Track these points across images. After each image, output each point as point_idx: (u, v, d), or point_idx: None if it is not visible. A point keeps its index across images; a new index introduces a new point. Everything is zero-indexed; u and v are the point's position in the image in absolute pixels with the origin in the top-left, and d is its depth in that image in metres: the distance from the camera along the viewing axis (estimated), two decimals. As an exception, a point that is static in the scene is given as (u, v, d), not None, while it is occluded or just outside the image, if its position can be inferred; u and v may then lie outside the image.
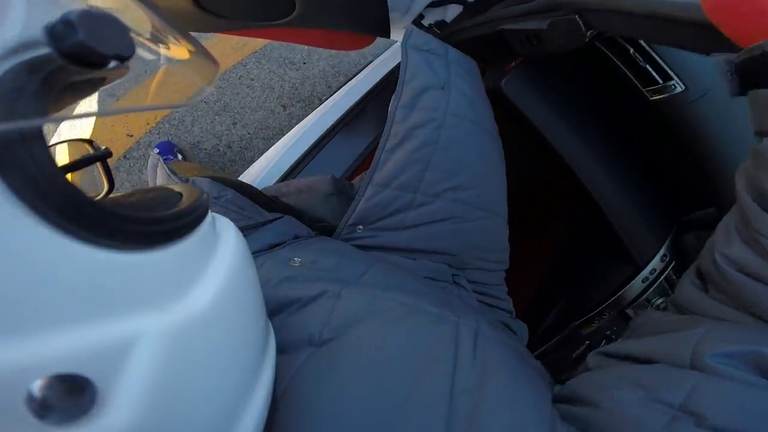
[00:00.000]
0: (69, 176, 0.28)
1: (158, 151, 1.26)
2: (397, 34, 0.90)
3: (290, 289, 0.35)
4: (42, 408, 0.15)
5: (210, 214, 0.24)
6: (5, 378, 0.15)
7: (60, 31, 0.17)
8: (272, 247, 0.45)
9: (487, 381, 0.29)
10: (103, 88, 0.20)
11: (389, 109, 0.54)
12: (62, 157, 0.26)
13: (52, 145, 0.25)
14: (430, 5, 0.78)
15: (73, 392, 0.16)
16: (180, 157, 1.31)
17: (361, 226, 0.52)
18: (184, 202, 0.22)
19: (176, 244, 0.21)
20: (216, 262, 0.23)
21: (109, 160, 0.28)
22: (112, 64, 0.18)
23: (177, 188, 0.24)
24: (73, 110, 0.18)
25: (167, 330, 0.19)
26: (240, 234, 0.26)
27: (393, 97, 0.54)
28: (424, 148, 0.51)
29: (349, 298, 0.34)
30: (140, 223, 0.19)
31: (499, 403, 0.28)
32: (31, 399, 0.15)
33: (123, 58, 0.18)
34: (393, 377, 0.28)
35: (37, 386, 0.15)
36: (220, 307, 0.22)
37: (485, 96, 0.61)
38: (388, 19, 0.77)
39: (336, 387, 0.27)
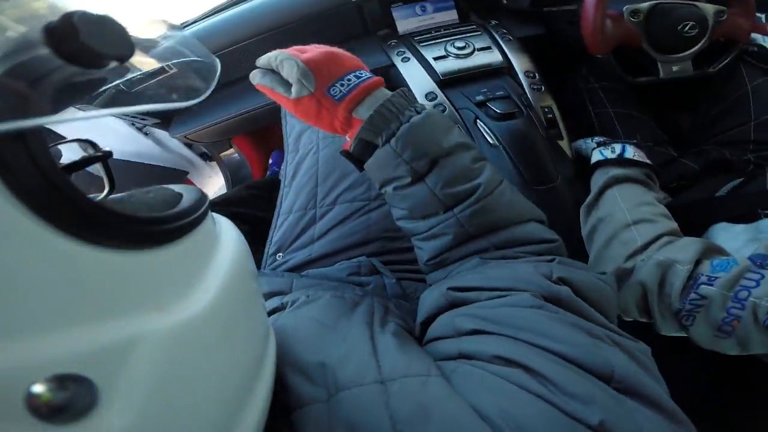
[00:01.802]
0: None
1: (272, 160, 1.24)
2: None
3: None
4: (42, 408, 0.15)
5: (210, 214, 0.24)
6: (5, 378, 0.15)
7: (60, 32, 0.17)
8: None
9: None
10: (103, 88, 0.20)
11: (284, 158, 0.71)
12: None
13: (53, 145, 0.24)
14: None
15: (73, 393, 0.16)
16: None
17: (280, 254, 0.62)
18: (185, 203, 0.22)
19: (177, 244, 0.21)
20: (216, 262, 0.23)
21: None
22: (112, 64, 0.18)
23: (177, 188, 0.24)
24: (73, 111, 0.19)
25: (168, 330, 0.19)
26: (240, 233, 0.26)
27: (284, 147, 0.71)
28: (309, 171, 0.65)
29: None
30: (141, 224, 0.19)
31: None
32: (31, 399, 0.15)
33: (123, 59, 0.18)
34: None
35: (37, 386, 0.15)
36: (221, 307, 0.22)
37: None
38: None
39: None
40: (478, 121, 0.72)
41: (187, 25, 0.85)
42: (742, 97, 0.76)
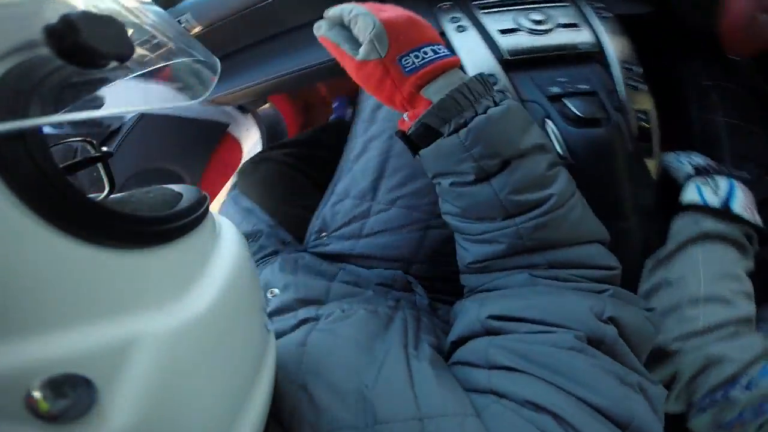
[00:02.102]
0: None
1: (336, 104, 1.13)
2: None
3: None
4: (42, 408, 0.15)
5: (210, 215, 0.24)
6: (5, 379, 0.15)
7: (60, 31, 0.17)
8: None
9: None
10: (103, 88, 0.20)
11: (352, 126, 0.59)
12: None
13: (53, 145, 0.25)
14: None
15: (73, 393, 0.16)
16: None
17: (324, 233, 0.55)
18: (185, 203, 0.22)
19: (177, 244, 0.21)
20: (216, 262, 0.23)
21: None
22: (112, 64, 0.18)
23: (177, 188, 0.24)
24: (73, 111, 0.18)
25: (168, 330, 0.19)
26: (240, 234, 0.26)
27: (355, 112, 0.59)
28: (378, 157, 0.54)
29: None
30: (141, 223, 0.19)
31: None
32: (30, 399, 0.15)
33: (123, 59, 0.18)
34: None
35: (37, 387, 0.15)
36: (220, 307, 0.22)
37: None
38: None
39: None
40: (548, 121, 0.53)
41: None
42: None
